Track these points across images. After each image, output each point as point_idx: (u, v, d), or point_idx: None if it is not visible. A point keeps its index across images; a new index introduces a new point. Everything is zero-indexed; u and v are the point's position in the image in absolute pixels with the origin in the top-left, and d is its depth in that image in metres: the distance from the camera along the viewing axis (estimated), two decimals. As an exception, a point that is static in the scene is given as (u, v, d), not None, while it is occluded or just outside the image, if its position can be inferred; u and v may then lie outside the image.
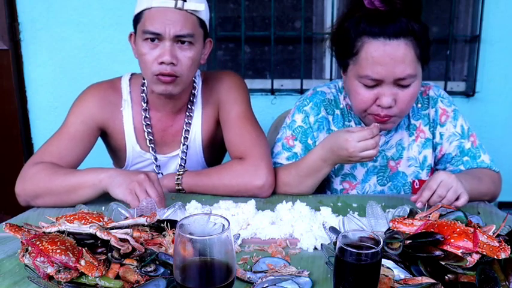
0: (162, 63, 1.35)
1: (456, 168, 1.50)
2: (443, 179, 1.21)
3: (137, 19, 1.39)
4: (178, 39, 1.35)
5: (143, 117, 1.53)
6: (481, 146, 1.51)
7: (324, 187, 1.56)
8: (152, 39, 1.36)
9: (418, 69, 1.33)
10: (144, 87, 1.53)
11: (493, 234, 0.96)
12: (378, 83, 1.32)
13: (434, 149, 1.54)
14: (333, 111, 1.53)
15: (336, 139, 1.31)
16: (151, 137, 1.54)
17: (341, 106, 1.53)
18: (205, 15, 1.41)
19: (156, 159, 1.56)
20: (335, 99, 1.54)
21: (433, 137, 1.53)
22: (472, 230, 0.92)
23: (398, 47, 1.28)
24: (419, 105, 1.53)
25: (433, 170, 1.57)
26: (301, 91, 2.67)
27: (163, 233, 1.04)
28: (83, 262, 0.87)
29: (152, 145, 1.55)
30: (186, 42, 1.37)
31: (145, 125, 1.53)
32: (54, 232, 0.96)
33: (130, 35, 1.47)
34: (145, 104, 1.53)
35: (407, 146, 1.53)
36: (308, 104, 1.53)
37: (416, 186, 1.53)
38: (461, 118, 1.52)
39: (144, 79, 1.53)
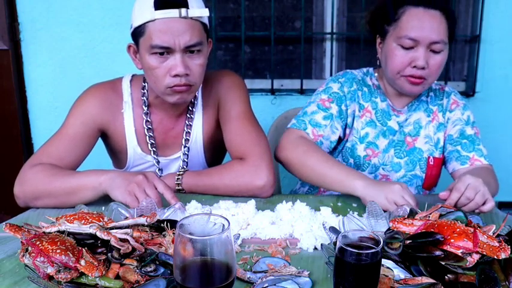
0: (175, 75, 1.34)
1: (454, 149, 1.60)
2: (471, 182, 1.23)
3: (139, 32, 1.34)
4: (188, 49, 1.34)
5: (144, 120, 1.52)
6: (482, 141, 1.60)
7: (347, 155, 1.65)
8: (161, 53, 1.33)
9: (447, 41, 1.49)
10: (145, 90, 1.52)
11: (493, 234, 0.96)
12: (414, 44, 1.46)
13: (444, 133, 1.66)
14: (362, 88, 1.65)
15: (389, 185, 1.29)
16: (152, 141, 1.54)
17: (369, 84, 1.67)
18: (206, 19, 1.40)
19: (157, 162, 1.56)
20: (363, 79, 1.67)
21: (445, 122, 1.66)
22: (472, 230, 0.92)
23: (435, 15, 1.46)
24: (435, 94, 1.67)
25: (443, 153, 1.66)
26: (301, 91, 2.67)
27: (163, 233, 1.04)
28: (83, 262, 0.87)
29: (154, 148, 1.55)
30: (195, 51, 1.35)
31: (147, 129, 1.53)
32: (54, 232, 0.96)
33: (129, 46, 1.43)
34: (146, 107, 1.52)
35: (424, 125, 1.65)
36: (342, 77, 1.66)
37: (431, 163, 1.64)
38: (469, 111, 1.65)
39: (144, 82, 1.53)
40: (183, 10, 1.30)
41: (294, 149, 1.49)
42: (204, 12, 1.34)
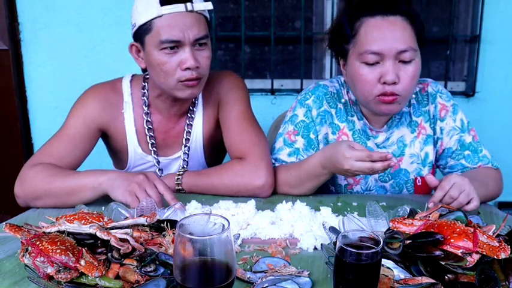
0: (187, 69, 1.34)
1: (458, 163, 1.51)
2: (456, 181, 1.22)
3: (145, 30, 1.35)
4: (196, 42, 1.35)
5: (145, 120, 1.53)
6: (482, 142, 1.52)
7: (327, 183, 1.54)
8: (171, 47, 1.33)
9: (417, 48, 1.35)
10: (145, 90, 1.53)
11: (493, 234, 0.96)
12: (379, 59, 1.33)
13: (435, 144, 1.55)
14: (336, 104, 1.52)
15: (337, 151, 1.28)
16: (153, 141, 1.54)
17: (343, 100, 1.53)
18: (207, 13, 1.41)
19: (158, 162, 1.56)
20: (338, 93, 1.53)
21: (434, 133, 1.54)
22: (472, 230, 0.92)
23: (396, 22, 1.33)
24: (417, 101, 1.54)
25: (435, 166, 1.57)
26: (301, 91, 2.67)
27: (163, 233, 1.04)
28: (83, 262, 0.87)
29: (154, 148, 1.55)
30: (202, 44, 1.37)
31: (147, 129, 1.53)
32: (54, 232, 0.96)
33: (131, 46, 1.43)
34: (147, 107, 1.52)
35: (409, 142, 1.53)
36: (310, 97, 1.52)
37: (418, 184, 1.53)
38: (460, 112, 1.53)
39: (144, 82, 1.53)
40: (189, 4, 1.32)
41: (281, 187, 1.45)
42: (208, 6, 1.36)
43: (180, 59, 1.34)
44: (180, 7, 1.31)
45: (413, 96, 1.54)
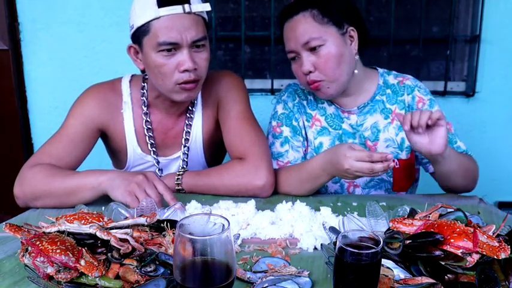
0: (184, 71, 1.34)
1: None
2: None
3: (143, 31, 1.34)
4: (194, 44, 1.34)
5: (144, 120, 1.52)
6: (457, 134, 1.55)
7: None
8: (168, 50, 1.33)
9: (328, 32, 1.43)
10: (144, 90, 1.52)
11: (493, 234, 0.96)
12: (294, 55, 1.47)
13: None
14: (306, 97, 1.63)
15: (337, 152, 1.31)
16: (152, 141, 1.54)
17: (313, 93, 1.59)
18: (206, 14, 1.41)
19: (157, 162, 1.56)
20: (306, 89, 1.61)
21: None
22: (472, 230, 0.92)
23: (297, 20, 1.45)
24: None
25: (413, 151, 1.58)
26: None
27: (163, 233, 1.04)
28: (82, 262, 0.87)
29: (154, 148, 1.55)
30: (200, 46, 1.36)
31: (147, 129, 1.53)
32: (54, 232, 0.96)
33: (129, 48, 1.43)
34: (146, 107, 1.52)
35: (382, 128, 1.57)
36: (284, 94, 1.64)
37: (396, 166, 1.56)
38: (437, 106, 1.56)
39: (143, 82, 1.53)
40: (186, 6, 1.31)
41: (281, 188, 1.47)
42: (205, 7, 1.36)
43: (177, 61, 1.34)
44: (177, 9, 1.31)
45: (388, 87, 1.59)
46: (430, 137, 1.31)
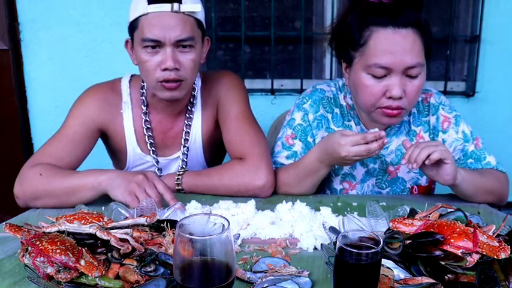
0: (165, 69, 1.35)
1: None
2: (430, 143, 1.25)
3: (133, 26, 1.37)
4: (179, 43, 1.34)
5: (143, 120, 1.53)
6: (485, 148, 1.49)
7: (323, 186, 1.56)
8: (153, 47, 1.34)
9: (424, 62, 1.33)
10: (144, 90, 1.53)
11: (493, 234, 0.96)
12: (387, 72, 1.30)
13: None
14: (332, 109, 1.51)
15: (331, 142, 1.30)
16: (152, 141, 1.54)
17: (340, 105, 1.52)
18: (201, 15, 1.40)
19: (157, 162, 1.56)
20: (334, 98, 1.52)
21: None
22: (472, 230, 0.92)
23: (407, 35, 1.29)
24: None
25: None
26: (301, 91, 2.67)
27: (163, 233, 1.04)
28: (82, 262, 0.87)
29: (153, 148, 1.55)
30: (187, 46, 1.36)
31: (146, 129, 1.53)
32: (54, 232, 0.96)
33: (127, 42, 1.45)
34: (145, 107, 1.52)
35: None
36: (307, 101, 1.52)
37: (415, 192, 1.53)
38: (462, 123, 1.50)
39: (143, 82, 1.53)
40: (176, 5, 1.32)
41: (281, 188, 1.45)
42: (196, 8, 1.35)
43: (160, 59, 1.35)
44: (165, 7, 1.31)
45: (415, 106, 1.51)
46: (437, 170, 1.26)
